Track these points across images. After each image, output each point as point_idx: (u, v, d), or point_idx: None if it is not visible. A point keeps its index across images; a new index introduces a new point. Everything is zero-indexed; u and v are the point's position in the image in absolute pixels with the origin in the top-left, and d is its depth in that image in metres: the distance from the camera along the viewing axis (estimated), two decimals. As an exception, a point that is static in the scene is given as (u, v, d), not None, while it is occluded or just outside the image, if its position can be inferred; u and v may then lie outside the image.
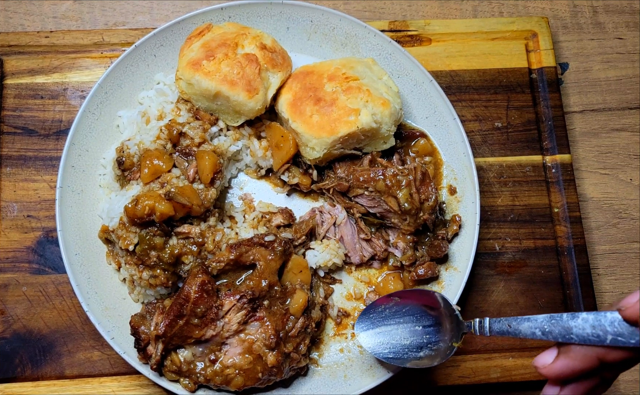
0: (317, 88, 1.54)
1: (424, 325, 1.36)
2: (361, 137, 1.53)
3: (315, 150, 1.53)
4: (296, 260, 1.48)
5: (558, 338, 1.05)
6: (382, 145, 1.59)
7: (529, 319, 1.11)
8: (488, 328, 1.21)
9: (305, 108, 1.52)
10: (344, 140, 1.51)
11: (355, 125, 1.48)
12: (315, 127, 1.50)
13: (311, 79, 1.56)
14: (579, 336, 1.02)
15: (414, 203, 1.49)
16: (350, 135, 1.50)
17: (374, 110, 1.50)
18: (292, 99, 1.55)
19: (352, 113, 1.49)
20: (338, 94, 1.52)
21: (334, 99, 1.51)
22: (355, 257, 1.58)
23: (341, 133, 1.49)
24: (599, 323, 0.99)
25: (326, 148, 1.51)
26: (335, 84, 1.53)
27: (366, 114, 1.49)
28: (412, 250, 1.54)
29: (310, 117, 1.51)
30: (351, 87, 1.52)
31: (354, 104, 1.50)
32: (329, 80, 1.55)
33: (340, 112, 1.49)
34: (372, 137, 1.55)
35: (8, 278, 1.62)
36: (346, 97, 1.51)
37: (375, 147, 1.59)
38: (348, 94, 1.51)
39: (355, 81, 1.53)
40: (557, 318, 1.06)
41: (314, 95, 1.53)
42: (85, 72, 1.74)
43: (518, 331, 1.14)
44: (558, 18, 1.97)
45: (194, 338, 1.39)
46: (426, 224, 1.52)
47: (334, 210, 1.59)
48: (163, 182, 1.47)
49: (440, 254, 1.54)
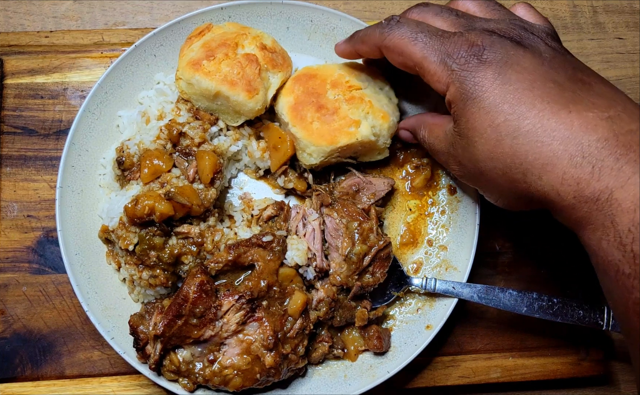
0: (320, 94, 1.54)
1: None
2: (359, 148, 1.54)
3: (312, 157, 1.53)
4: (283, 274, 1.47)
5: (490, 303, 1.48)
6: (377, 156, 1.61)
7: (469, 285, 1.51)
8: (434, 286, 1.52)
9: (307, 113, 1.52)
10: (342, 150, 1.53)
11: (355, 136, 1.49)
12: (315, 134, 1.50)
13: (314, 84, 1.56)
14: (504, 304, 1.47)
15: (359, 263, 1.48)
16: (349, 146, 1.51)
17: (373, 123, 1.50)
18: (294, 102, 1.55)
19: (352, 124, 1.49)
20: (340, 103, 1.52)
21: (336, 108, 1.51)
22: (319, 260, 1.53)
23: (341, 143, 1.49)
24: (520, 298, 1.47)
25: (324, 156, 1.52)
26: (338, 92, 1.53)
27: (366, 126, 1.49)
28: (328, 306, 1.50)
29: (310, 124, 1.51)
30: (354, 96, 1.52)
31: (355, 115, 1.50)
32: (332, 87, 1.54)
33: (341, 122, 1.50)
34: (369, 148, 1.56)
35: (8, 278, 1.62)
36: (348, 107, 1.51)
37: (371, 158, 1.61)
38: (350, 104, 1.51)
39: (357, 90, 1.54)
40: (491, 289, 1.49)
41: (316, 101, 1.53)
42: (85, 72, 1.74)
43: (460, 293, 1.51)
44: (558, 18, 1.96)
45: (193, 338, 1.39)
46: (351, 289, 1.49)
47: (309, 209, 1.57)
48: (163, 182, 1.47)
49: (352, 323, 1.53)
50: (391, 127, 1.54)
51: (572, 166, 1.04)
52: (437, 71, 1.22)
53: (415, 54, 1.24)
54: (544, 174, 1.08)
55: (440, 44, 1.22)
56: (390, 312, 1.60)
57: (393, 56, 1.31)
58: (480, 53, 1.17)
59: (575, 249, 1.69)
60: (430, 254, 1.63)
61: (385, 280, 1.52)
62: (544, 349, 1.66)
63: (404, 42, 1.26)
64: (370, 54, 1.39)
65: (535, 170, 1.09)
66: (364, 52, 1.41)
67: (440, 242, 1.63)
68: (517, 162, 1.11)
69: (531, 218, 1.71)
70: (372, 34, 1.35)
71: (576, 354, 1.66)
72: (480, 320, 1.67)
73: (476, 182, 1.29)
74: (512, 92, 1.12)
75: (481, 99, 1.15)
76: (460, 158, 1.26)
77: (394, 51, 1.29)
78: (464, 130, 1.20)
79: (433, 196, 1.66)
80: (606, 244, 1.02)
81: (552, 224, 1.71)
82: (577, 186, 1.04)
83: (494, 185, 1.22)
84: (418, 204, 1.66)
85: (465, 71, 1.18)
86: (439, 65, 1.22)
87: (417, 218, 1.65)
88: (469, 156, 1.22)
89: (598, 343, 1.65)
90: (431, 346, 1.53)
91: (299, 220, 1.54)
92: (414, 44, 1.25)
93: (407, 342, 1.55)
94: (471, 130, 1.18)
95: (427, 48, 1.23)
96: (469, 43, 1.20)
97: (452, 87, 1.20)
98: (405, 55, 1.27)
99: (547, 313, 1.45)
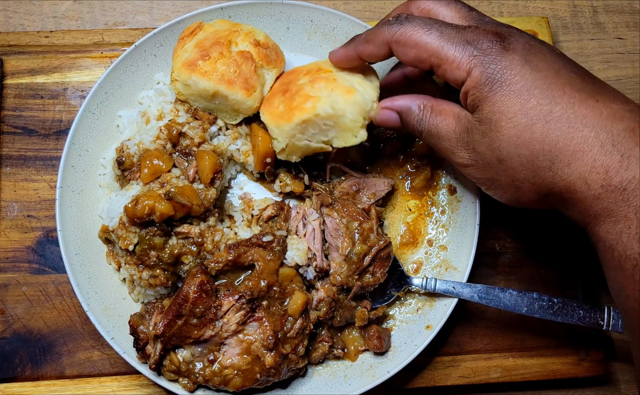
0: (291, 82, 1.49)
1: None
2: (322, 126, 1.41)
3: (278, 141, 1.47)
4: (283, 274, 1.47)
5: (490, 303, 1.48)
6: (352, 139, 1.43)
7: (469, 285, 1.51)
8: (434, 286, 1.52)
9: (274, 100, 1.48)
10: (303, 129, 1.43)
11: (312, 111, 1.38)
12: (277, 116, 1.45)
13: (290, 76, 1.52)
14: (504, 304, 1.47)
15: (360, 263, 1.48)
16: (307, 122, 1.40)
17: (335, 98, 1.38)
18: (269, 95, 1.52)
19: (310, 100, 1.40)
20: (305, 85, 1.45)
21: (300, 89, 1.45)
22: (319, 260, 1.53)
23: (296, 120, 1.40)
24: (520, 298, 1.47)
25: (287, 137, 1.45)
26: (308, 77, 1.47)
27: (325, 101, 1.38)
28: (328, 306, 1.50)
29: (276, 108, 1.46)
30: (319, 77, 1.44)
31: (315, 92, 1.40)
32: (305, 74, 1.49)
33: (300, 99, 1.42)
34: (336, 127, 1.41)
35: (8, 278, 1.62)
36: (311, 87, 1.43)
37: (345, 141, 1.43)
38: (314, 83, 1.43)
39: (327, 73, 1.46)
40: (491, 289, 1.49)
41: (286, 88, 1.48)
42: (85, 72, 1.74)
43: (460, 293, 1.51)
44: (558, 18, 1.96)
45: (193, 338, 1.39)
46: (351, 289, 1.49)
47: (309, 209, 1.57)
48: (163, 182, 1.47)
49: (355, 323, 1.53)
50: (359, 103, 1.38)
51: (603, 153, 1.04)
52: (456, 57, 1.17)
53: (432, 43, 1.19)
54: (573, 160, 1.07)
55: (457, 32, 1.19)
56: (390, 312, 1.60)
57: (405, 51, 1.24)
58: (503, 40, 1.15)
59: (576, 249, 1.69)
60: (430, 254, 1.63)
61: (386, 280, 1.52)
62: (544, 349, 1.66)
63: (417, 33, 1.21)
64: (375, 54, 1.33)
65: (565, 157, 1.08)
66: (369, 53, 1.34)
67: (440, 242, 1.63)
68: (546, 149, 1.09)
69: (531, 218, 1.71)
70: (379, 32, 1.28)
71: (576, 354, 1.66)
72: (480, 320, 1.67)
73: (488, 172, 1.23)
74: (542, 78, 1.11)
75: (511, 82, 1.12)
76: (475, 145, 1.21)
77: (407, 44, 1.23)
78: (488, 115, 1.15)
79: (433, 196, 1.66)
80: (627, 237, 1.02)
81: (552, 224, 1.71)
82: (606, 175, 1.04)
83: (510, 175, 1.17)
84: (418, 204, 1.66)
85: (489, 56, 1.14)
86: (459, 51, 1.17)
87: (417, 218, 1.65)
88: (489, 143, 1.17)
89: (598, 343, 1.65)
90: (431, 346, 1.53)
91: (299, 220, 1.54)
92: (429, 34, 1.20)
93: (407, 342, 1.55)
94: (497, 114, 1.14)
95: (443, 37, 1.19)
96: (487, 32, 1.17)
97: (476, 71, 1.15)
98: (419, 47, 1.21)
99: (547, 313, 1.45)
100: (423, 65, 1.24)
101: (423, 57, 1.22)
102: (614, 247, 1.05)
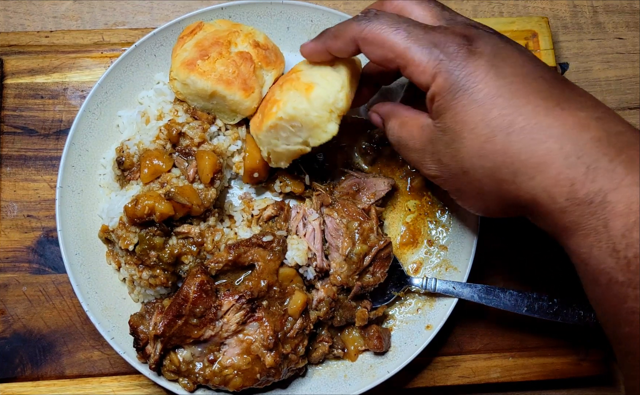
0: (273, 90, 1.50)
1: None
2: (290, 128, 1.39)
3: (262, 150, 1.50)
4: (284, 274, 1.47)
5: (490, 303, 1.49)
6: (322, 135, 1.38)
7: (469, 285, 1.51)
8: (434, 286, 1.52)
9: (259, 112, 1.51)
10: (275, 134, 1.42)
11: (275, 116, 1.38)
12: (255, 126, 1.48)
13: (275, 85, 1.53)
14: (504, 304, 1.48)
15: (360, 263, 1.48)
16: (274, 127, 1.40)
17: (295, 98, 1.36)
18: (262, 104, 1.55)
19: (275, 104, 1.39)
20: (276, 89, 1.46)
21: (272, 95, 1.46)
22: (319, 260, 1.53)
23: (264, 127, 1.41)
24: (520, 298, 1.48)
25: (265, 144, 1.46)
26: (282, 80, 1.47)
27: (286, 103, 1.37)
28: (328, 306, 1.50)
29: (257, 117, 1.50)
30: (287, 79, 1.44)
31: (281, 96, 1.40)
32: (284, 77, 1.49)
33: (270, 105, 1.43)
34: (304, 126, 1.38)
35: (8, 278, 1.62)
36: (280, 90, 1.43)
37: (318, 138, 1.39)
38: (283, 86, 1.43)
39: (296, 73, 1.44)
40: (491, 289, 1.50)
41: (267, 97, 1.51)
42: (85, 72, 1.74)
43: (460, 293, 1.51)
44: (558, 18, 1.97)
45: (193, 338, 1.39)
46: (351, 289, 1.49)
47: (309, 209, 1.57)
48: (163, 182, 1.47)
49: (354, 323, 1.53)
50: (321, 97, 1.34)
51: (567, 166, 0.99)
52: (422, 61, 1.12)
53: (398, 44, 1.15)
54: (537, 173, 1.02)
55: (424, 34, 1.14)
56: (390, 312, 1.60)
57: (372, 49, 1.20)
58: (470, 43, 1.11)
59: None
60: (431, 254, 1.63)
61: (386, 280, 1.52)
62: (544, 349, 1.66)
63: (385, 32, 1.16)
64: (343, 50, 1.28)
65: (528, 170, 1.03)
66: (337, 49, 1.29)
67: (440, 242, 1.63)
68: (508, 161, 1.05)
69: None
70: (347, 27, 1.23)
71: (576, 354, 1.66)
72: (480, 320, 1.67)
73: (455, 183, 1.19)
74: (507, 85, 1.06)
75: (473, 90, 1.07)
76: (440, 156, 1.17)
77: (374, 43, 1.19)
78: (451, 125, 1.12)
79: (433, 196, 1.66)
80: (598, 251, 0.98)
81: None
82: (571, 187, 0.99)
83: (476, 187, 1.14)
84: (418, 204, 1.66)
85: (454, 61, 1.09)
86: (425, 54, 1.12)
87: (417, 218, 1.65)
88: (452, 154, 1.14)
89: (598, 343, 1.65)
90: (431, 346, 1.53)
91: (299, 220, 1.54)
92: (396, 34, 1.15)
93: (407, 342, 1.55)
94: (459, 123, 1.10)
95: (410, 37, 1.14)
96: (456, 34, 1.13)
97: (440, 78, 1.11)
98: (386, 47, 1.17)
99: (547, 313, 1.46)
100: (390, 65, 1.20)
101: (389, 57, 1.18)
102: (586, 261, 1.01)
